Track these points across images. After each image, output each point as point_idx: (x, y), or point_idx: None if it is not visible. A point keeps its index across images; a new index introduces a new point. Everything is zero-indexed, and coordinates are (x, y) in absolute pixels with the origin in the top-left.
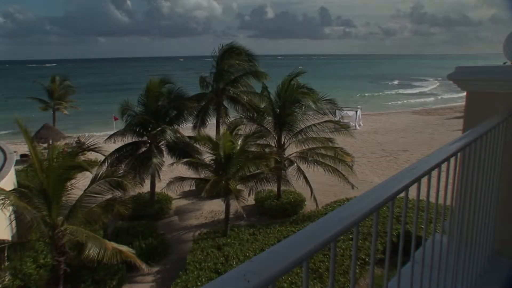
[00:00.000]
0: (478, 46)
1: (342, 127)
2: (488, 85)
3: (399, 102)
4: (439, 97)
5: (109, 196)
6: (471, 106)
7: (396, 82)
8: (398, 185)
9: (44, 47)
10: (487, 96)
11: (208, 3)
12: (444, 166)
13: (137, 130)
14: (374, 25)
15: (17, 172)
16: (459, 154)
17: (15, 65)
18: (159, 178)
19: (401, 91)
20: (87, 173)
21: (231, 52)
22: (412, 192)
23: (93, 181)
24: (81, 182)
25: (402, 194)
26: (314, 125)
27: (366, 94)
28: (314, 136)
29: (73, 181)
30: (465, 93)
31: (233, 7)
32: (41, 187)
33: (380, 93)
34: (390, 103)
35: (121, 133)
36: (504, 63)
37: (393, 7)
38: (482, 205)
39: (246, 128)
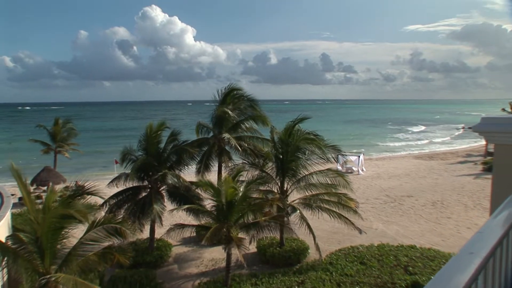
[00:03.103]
0: (476, 91)
1: (343, 177)
2: None
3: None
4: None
5: (106, 243)
6: (500, 160)
7: (417, 128)
8: (456, 279)
9: (52, 90)
10: None
11: (213, 49)
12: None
13: (139, 174)
14: (374, 71)
15: (14, 216)
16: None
17: (23, 108)
18: (161, 224)
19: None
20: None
21: (232, 96)
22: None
23: (90, 228)
24: (78, 228)
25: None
26: (315, 172)
27: (379, 144)
28: (315, 182)
29: (68, 227)
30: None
31: (237, 53)
32: (35, 234)
33: (394, 144)
34: (413, 150)
35: (125, 178)
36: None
37: (393, 54)
38: None
39: (248, 174)
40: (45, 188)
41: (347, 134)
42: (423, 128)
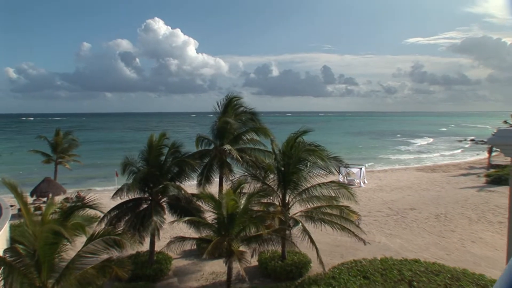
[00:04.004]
0: (477, 104)
1: (347, 189)
2: None
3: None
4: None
5: (105, 256)
6: None
7: (424, 141)
8: None
9: (55, 101)
10: None
11: (214, 61)
12: None
13: (140, 186)
14: (375, 83)
15: (12, 227)
16: None
17: (26, 119)
18: (159, 238)
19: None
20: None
21: (233, 107)
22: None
23: (89, 240)
24: (78, 240)
25: None
26: (319, 184)
27: (389, 157)
28: (318, 195)
29: (64, 243)
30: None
31: (239, 65)
32: (32, 247)
33: (403, 156)
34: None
35: (127, 189)
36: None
37: (394, 66)
38: None
39: (250, 186)
40: (45, 199)
41: (354, 147)
42: (430, 140)
